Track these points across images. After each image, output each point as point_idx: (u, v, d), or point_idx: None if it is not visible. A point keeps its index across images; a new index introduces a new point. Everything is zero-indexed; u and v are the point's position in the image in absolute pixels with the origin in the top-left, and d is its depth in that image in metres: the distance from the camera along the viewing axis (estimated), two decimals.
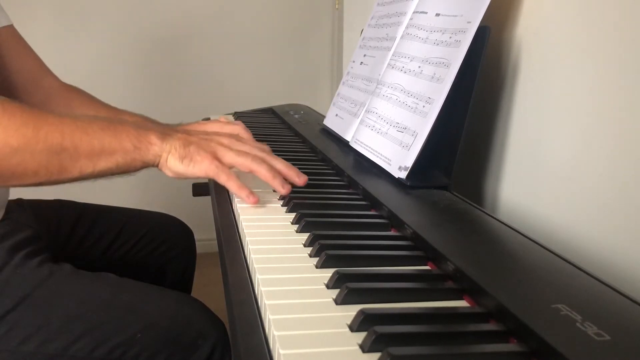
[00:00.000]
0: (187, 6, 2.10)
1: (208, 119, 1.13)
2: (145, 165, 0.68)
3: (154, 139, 0.67)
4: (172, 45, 2.12)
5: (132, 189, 2.17)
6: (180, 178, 0.69)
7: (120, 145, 0.65)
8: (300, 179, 0.71)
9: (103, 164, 0.65)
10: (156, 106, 2.08)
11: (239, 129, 0.91)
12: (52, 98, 0.98)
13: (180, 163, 0.67)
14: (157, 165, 0.68)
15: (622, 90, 0.57)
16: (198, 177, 0.68)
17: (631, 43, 0.56)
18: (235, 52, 2.17)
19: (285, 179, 0.70)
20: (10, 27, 0.95)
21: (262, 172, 0.68)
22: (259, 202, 0.69)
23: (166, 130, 0.70)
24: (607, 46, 0.59)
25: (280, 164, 0.71)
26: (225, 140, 0.70)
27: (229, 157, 0.68)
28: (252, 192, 0.67)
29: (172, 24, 2.11)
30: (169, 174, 0.68)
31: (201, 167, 0.67)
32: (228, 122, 0.91)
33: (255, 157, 0.69)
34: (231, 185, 0.67)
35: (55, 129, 0.62)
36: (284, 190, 0.68)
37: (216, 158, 0.67)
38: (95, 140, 0.64)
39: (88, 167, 0.65)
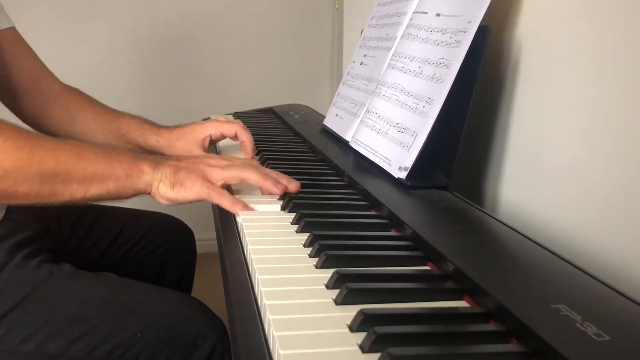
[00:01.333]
0: (187, 6, 2.10)
1: (208, 118, 1.13)
2: (137, 193, 0.69)
3: (146, 167, 0.68)
4: (172, 45, 2.12)
5: None
6: (174, 204, 0.70)
7: (113, 173, 0.66)
8: (291, 185, 0.71)
9: (94, 190, 0.66)
10: (156, 106, 2.08)
11: (237, 127, 0.91)
12: (52, 100, 0.98)
13: (172, 190, 0.68)
14: (149, 193, 0.69)
15: (622, 90, 0.57)
16: (191, 202, 0.69)
17: (631, 43, 0.56)
18: (235, 52, 2.17)
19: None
20: (12, 29, 0.95)
21: (253, 177, 0.69)
22: (258, 203, 0.69)
23: (159, 159, 0.71)
24: (607, 46, 0.59)
25: (273, 173, 0.71)
26: (213, 161, 0.71)
27: (217, 174, 0.69)
28: (246, 205, 0.67)
29: (171, 24, 2.11)
30: (162, 201, 0.69)
31: (192, 191, 0.67)
32: (227, 121, 0.91)
33: (242, 166, 0.70)
34: (224, 202, 0.67)
35: (49, 154, 0.63)
36: (277, 189, 0.69)
37: (206, 179, 0.68)
38: (88, 167, 0.65)
39: (79, 192, 0.66)
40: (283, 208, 0.68)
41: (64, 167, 0.64)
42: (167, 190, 0.68)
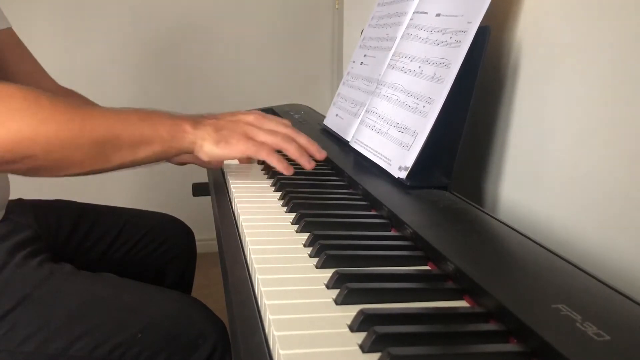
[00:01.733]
0: (186, 7, 2.10)
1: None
2: (180, 153, 0.71)
3: (187, 127, 0.70)
4: (171, 45, 2.12)
5: (132, 189, 2.17)
6: (216, 160, 0.74)
7: (158, 135, 0.68)
8: (320, 154, 0.77)
9: (142, 153, 0.67)
10: (156, 107, 2.07)
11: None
12: None
13: (216, 147, 0.70)
14: (192, 152, 0.71)
15: (622, 90, 0.57)
16: (234, 158, 0.73)
17: (631, 43, 0.56)
18: (235, 52, 2.17)
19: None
20: (9, 30, 0.95)
21: (291, 150, 0.73)
22: (259, 201, 0.69)
23: (197, 118, 0.73)
24: (607, 46, 0.59)
25: (304, 140, 0.76)
26: (251, 119, 0.74)
27: (261, 136, 0.72)
28: (290, 167, 0.73)
29: (171, 24, 2.11)
30: (205, 158, 0.71)
31: (238, 148, 0.71)
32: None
33: (284, 136, 0.73)
34: (272, 159, 0.72)
35: (99, 122, 0.65)
36: (309, 166, 0.75)
37: (249, 138, 0.71)
38: (135, 131, 0.67)
39: (129, 156, 0.67)
40: (283, 207, 0.68)
41: (114, 133, 0.65)
42: (212, 147, 0.70)
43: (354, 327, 0.40)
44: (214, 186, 0.82)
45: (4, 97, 0.59)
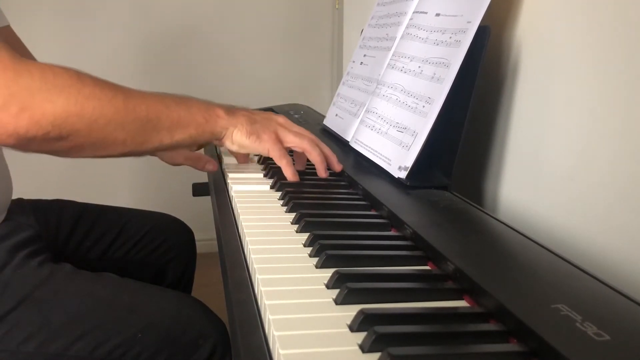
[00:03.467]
0: (186, 7, 2.10)
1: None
2: (213, 137, 0.73)
3: (221, 112, 0.72)
4: (171, 46, 2.12)
5: (132, 189, 2.17)
6: (240, 150, 0.75)
7: (193, 119, 0.70)
8: (338, 167, 0.80)
9: (179, 135, 0.69)
10: None
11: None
12: None
13: (247, 138, 0.73)
14: (221, 138, 0.73)
15: (622, 89, 0.57)
16: (259, 153, 0.76)
17: (631, 43, 0.56)
18: (235, 52, 2.17)
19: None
20: (8, 28, 0.94)
21: (314, 155, 0.76)
22: (259, 201, 0.69)
23: (230, 107, 0.75)
24: (607, 46, 0.59)
25: (327, 149, 0.79)
26: (282, 120, 0.78)
27: (290, 138, 0.76)
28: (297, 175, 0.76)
29: (172, 24, 2.11)
30: (232, 147, 0.74)
31: (266, 146, 0.73)
32: None
33: (310, 140, 0.77)
34: (288, 172, 0.75)
35: (141, 102, 0.66)
36: (325, 174, 0.78)
37: (279, 138, 0.74)
38: (174, 114, 0.68)
39: (167, 138, 0.68)
40: (283, 207, 0.68)
41: (155, 114, 0.66)
42: (242, 137, 0.73)
43: (354, 327, 0.40)
44: (214, 186, 0.82)
45: (49, 75, 0.60)
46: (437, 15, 0.79)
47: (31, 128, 0.58)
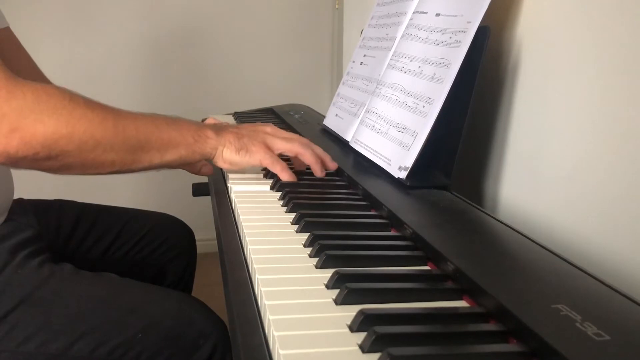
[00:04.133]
0: (187, 6, 2.10)
1: (207, 119, 1.13)
2: (202, 157, 0.74)
3: (210, 133, 0.73)
4: (172, 45, 2.12)
5: (132, 189, 2.17)
6: (233, 168, 0.75)
7: (184, 139, 0.70)
8: (332, 165, 0.80)
9: (170, 155, 0.70)
10: (156, 107, 2.06)
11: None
12: None
13: (237, 154, 0.73)
14: (212, 158, 0.74)
15: (622, 89, 0.57)
16: (252, 166, 0.76)
17: (631, 42, 0.56)
18: (236, 52, 2.17)
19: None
20: (7, 30, 0.94)
21: (307, 156, 0.77)
22: (259, 202, 0.69)
23: (219, 126, 0.76)
24: (607, 46, 0.59)
25: (319, 149, 0.79)
26: (270, 130, 0.78)
27: (279, 144, 0.76)
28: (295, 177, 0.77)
29: (172, 24, 2.11)
30: (224, 165, 0.74)
31: (256, 157, 0.74)
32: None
33: (301, 143, 0.77)
34: (285, 175, 0.75)
35: (131, 124, 0.67)
36: (322, 173, 0.78)
37: (268, 147, 0.74)
38: (164, 134, 0.69)
39: (156, 158, 0.69)
40: (283, 208, 0.68)
41: (144, 135, 0.67)
42: (232, 154, 0.73)
43: (353, 327, 0.40)
44: (214, 186, 0.82)
45: (43, 96, 0.61)
46: (437, 15, 0.79)
47: (21, 148, 0.60)
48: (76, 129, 0.62)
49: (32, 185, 1.16)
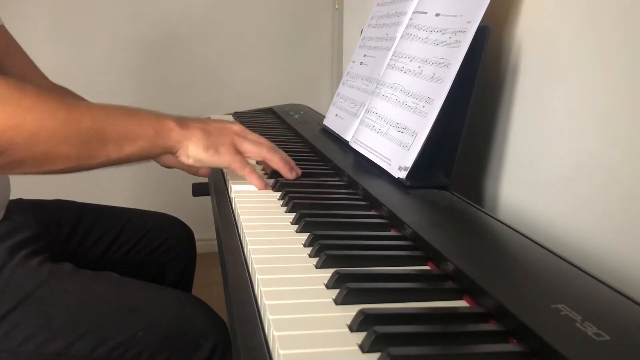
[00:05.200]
0: (186, 6, 2.10)
1: (207, 119, 1.13)
2: (165, 151, 0.70)
3: (173, 125, 0.69)
4: (171, 45, 2.12)
5: (132, 189, 2.17)
6: (196, 164, 0.72)
7: (143, 131, 0.67)
8: (291, 174, 0.77)
9: (128, 149, 0.66)
10: (156, 107, 2.07)
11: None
12: None
13: (205, 152, 0.70)
14: (175, 152, 0.70)
15: (622, 89, 0.57)
16: (218, 167, 0.73)
17: (631, 42, 0.56)
18: (235, 52, 2.17)
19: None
20: (2, 28, 0.94)
21: (275, 161, 0.75)
22: (259, 201, 0.69)
23: (183, 119, 0.72)
24: (607, 45, 0.59)
25: (284, 154, 0.78)
26: (237, 129, 0.75)
27: (247, 146, 0.73)
28: (268, 185, 0.75)
29: (171, 24, 2.11)
30: (187, 161, 0.71)
31: (225, 159, 0.71)
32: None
33: (269, 148, 0.75)
34: (252, 178, 0.73)
35: (85, 114, 0.63)
36: (291, 175, 0.76)
37: (237, 149, 0.72)
38: (121, 126, 0.65)
39: (115, 152, 0.65)
40: (283, 207, 0.68)
41: (100, 126, 0.64)
42: (199, 151, 0.70)
43: (353, 327, 0.40)
44: (214, 186, 0.82)
45: None
46: (437, 15, 0.79)
47: None
48: (25, 119, 0.58)
49: (31, 186, 1.16)
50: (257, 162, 0.92)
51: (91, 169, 0.66)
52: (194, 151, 0.69)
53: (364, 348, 0.37)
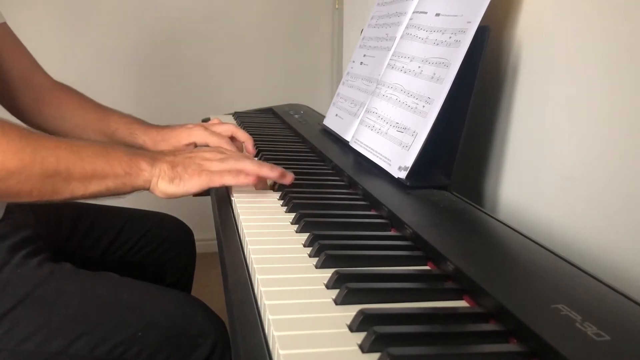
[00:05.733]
0: (186, 5, 2.10)
1: (208, 119, 1.13)
2: (135, 190, 0.70)
3: (144, 164, 0.69)
4: (171, 45, 2.12)
5: None
6: (174, 198, 0.71)
7: (112, 170, 0.67)
8: (287, 177, 0.73)
9: (94, 187, 0.67)
10: (156, 107, 2.08)
11: (230, 130, 0.91)
12: (43, 96, 0.97)
13: (171, 184, 0.69)
14: (148, 189, 0.70)
15: (622, 89, 0.57)
16: (191, 194, 0.70)
17: (631, 42, 0.56)
18: (235, 52, 2.17)
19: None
20: (3, 25, 0.94)
21: (248, 166, 0.70)
22: (259, 201, 0.69)
23: (155, 155, 0.72)
24: (607, 45, 0.59)
25: (255, 160, 0.74)
26: (208, 154, 0.73)
27: (215, 166, 0.70)
28: (247, 175, 0.70)
29: (171, 23, 2.11)
30: (161, 195, 0.71)
31: (192, 183, 0.69)
32: (214, 132, 0.90)
33: (237, 157, 0.72)
34: (227, 179, 0.69)
35: (51, 154, 0.64)
36: (274, 173, 0.71)
37: (202, 170, 0.70)
38: (88, 165, 0.66)
39: (79, 189, 0.66)
40: (283, 207, 0.68)
41: (65, 166, 0.64)
42: (166, 185, 0.69)
43: (353, 327, 0.40)
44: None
45: None
46: (437, 15, 0.79)
47: None
48: None
49: None
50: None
51: (56, 201, 0.67)
52: (163, 186, 0.69)
53: (364, 348, 0.37)
